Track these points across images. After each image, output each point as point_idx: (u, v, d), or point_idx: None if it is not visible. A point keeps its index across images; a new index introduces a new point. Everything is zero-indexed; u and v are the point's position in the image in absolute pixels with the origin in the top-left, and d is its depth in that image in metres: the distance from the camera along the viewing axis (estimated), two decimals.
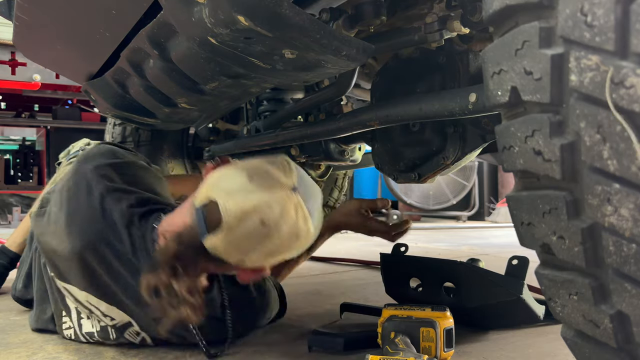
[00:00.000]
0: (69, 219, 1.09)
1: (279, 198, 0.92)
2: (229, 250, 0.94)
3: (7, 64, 4.20)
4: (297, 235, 0.94)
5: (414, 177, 1.26)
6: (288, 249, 0.96)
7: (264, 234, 0.91)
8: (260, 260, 0.97)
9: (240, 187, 0.93)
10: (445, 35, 0.95)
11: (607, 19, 0.43)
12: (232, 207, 0.90)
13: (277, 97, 1.72)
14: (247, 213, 0.91)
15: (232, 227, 0.91)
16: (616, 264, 0.46)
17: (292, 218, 0.92)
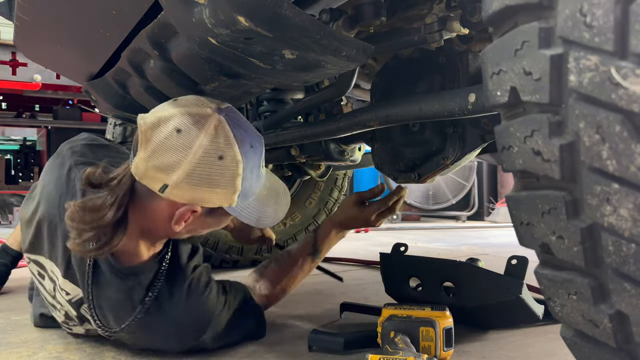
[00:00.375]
0: (41, 189, 1.17)
1: (197, 111, 0.94)
2: (150, 172, 0.92)
3: (7, 64, 4.21)
4: (221, 156, 0.92)
5: (413, 177, 1.26)
6: (219, 176, 0.93)
7: (181, 145, 0.91)
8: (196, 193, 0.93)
9: (162, 106, 0.97)
10: (445, 35, 0.95)
11: (607, 19, 0.43)
12: (148, 117, 0.95)
13: (277, 97, 1.72)
14: (160, 120, 0.93)
15: (148, 137, 0.93)
16: (615, 263, 0.46)
17: (211, 133, 0.92)
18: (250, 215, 1.02)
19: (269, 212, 1.06)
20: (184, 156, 0.91)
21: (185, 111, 0.94)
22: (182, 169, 0.91)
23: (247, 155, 0.96)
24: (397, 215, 5.77)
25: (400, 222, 5.63)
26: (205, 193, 0.94)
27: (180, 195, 0.94)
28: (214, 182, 0.93)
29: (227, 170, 0.93)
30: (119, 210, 0.97)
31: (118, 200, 0.97)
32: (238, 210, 1.00)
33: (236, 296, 1.18)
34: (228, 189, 0.95)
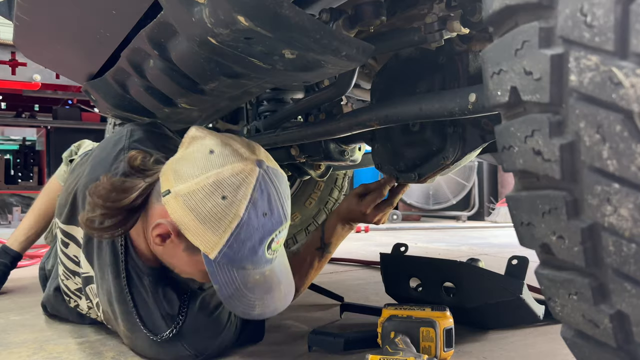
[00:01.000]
0: (91, 160, 1.19)
1: (241, 150, 0.91)
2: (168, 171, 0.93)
3: (7, 64, 4.21)
4: (225, 197, 0.87)
5: (414, 177, 1.26)
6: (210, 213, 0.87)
7: (203, 164, 0.90)
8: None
9: (218, 133, 0.96)
10: (445, 35, 0.95)
11: (607, 19, 0.43)
12: (201, 130, 0.95)
13: (277, 97, 1.72)
14: (207, 137, 0.93)
15: (188, 144, 0.94)
16: (616, 263, 0.46)
17: (235, 173, 0.88)
18: (223, 285, 0.91)
19: (247, 299, 0.92)
20: (198, 174, 0.89)
21: (233, 144, 0.92)
22: (189, 185, 0.89)
23: (252, 218, 0.88)
24: (397, 215, 5.77)
25: (401, 222, 5.63)
26: (191, 222, 0.89)
27: (173, 209, 0.91)
28: (203, 217, 0.88)
29: (221, 213, 0.87)
30: (139, 198, 0.97)
31: (143, 188, 0.98)
32: (214, 268, 0.90)
33: None
34: (212, 234, 0.88)
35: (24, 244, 1.67)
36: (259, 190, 0.89)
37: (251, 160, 0.90)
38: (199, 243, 0.90)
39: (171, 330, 1.02)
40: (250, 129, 1.73)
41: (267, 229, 0.90)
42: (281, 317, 1.42)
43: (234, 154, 0.91)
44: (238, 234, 0.88)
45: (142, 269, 1.05)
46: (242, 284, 0.91)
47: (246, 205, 0.87)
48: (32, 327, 1.33)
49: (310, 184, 2.55)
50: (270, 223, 0.90)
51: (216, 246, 0.89)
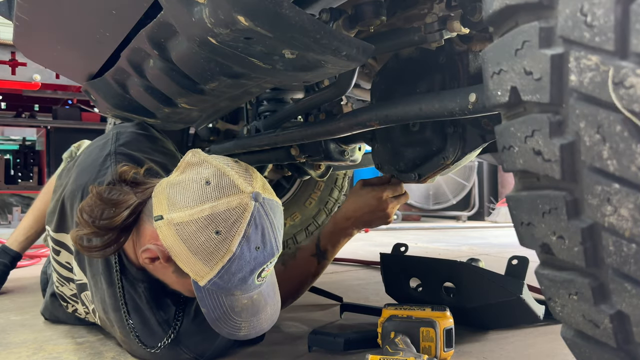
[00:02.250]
0: (77, 166, 1.17)
1: (237, 181, 0.89)
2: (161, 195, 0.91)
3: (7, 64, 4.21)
4: (218, 231, 0.86)
5: (414, 177, 1.26)
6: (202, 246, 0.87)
7: (198, 196, 0.88)
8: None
9: (218, 156, 0.94)
10: (445, 35, 0.95)
11: (607, 19, 0.43)
12: (199, 155, 0.93)
13: (277, 97, 1.72)
14: (204, 163, 0.91)
15: (184, 169, 0.92)
16: (616, 263, 0.46)
17: (229, 208, 0.87)
18: (211, 310, 0.92)
19: (234, 322, 0.94)
20: (192, 206, 0.88)
21: (230, 174, 0.90)
22: (182, 216, 0.88)
23: (244, 252, 0.88)
24: (397, 215, 5.77)
25: (401, 222, 5.63)
26: (182, 251, 0.88)
27: (165, 236, 0.90)
28: (195, 249, 0.87)
29: (214, 248, 0.87)
30: (130, 217, 0.95)
31: (134, 205, 0.95)
32: (202, 294, 0.91)
33: None
34: (203, 265, 0.88)
35: (24, 244, 1.67)
36: (254, 225, 0.88)
37: (247, 193, 0.89)
38: (189, 271, 0.90)
39: (168, 337, 1.02)
40: (250, 129, 1.73)
41: (258, 262, 0.90)
42: (281, 317, 1.42)
43: (231, 186, 0.89)
44: (229, 267, 0.88)
45: (135, 277, 1.04)
46: (229, 308, 0.92)
47: (239, 240, 0.87)
48: (32, 327, 1.33)
49: (310, 184, 2.55)
50: (262, 256, 0.90)
51: (206, 276, 0.89)
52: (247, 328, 0.95)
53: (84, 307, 1.17)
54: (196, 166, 0.93)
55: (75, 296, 1.19)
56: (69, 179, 1.17)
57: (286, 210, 2.52)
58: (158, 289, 1.05)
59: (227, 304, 0.92)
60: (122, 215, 0.94)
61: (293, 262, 1.27)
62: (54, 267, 1.22)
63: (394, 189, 1.26)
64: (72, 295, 1.20)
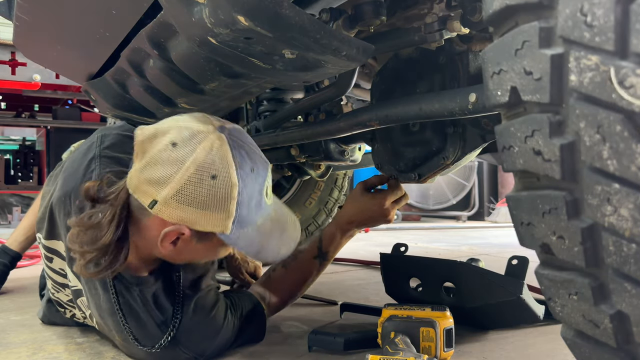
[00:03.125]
0: (62, 172, 1.16)
1: (197, 127, 0.90)
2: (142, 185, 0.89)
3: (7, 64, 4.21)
4: (215, 175, 0.87)
5: (414, 177, 1.26)
6: (210, 197, 0.87)
7: (174, 159, 0.87)
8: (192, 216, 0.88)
9: (164, 120, 0.95)
10: (445, 35, 0.95)
11: (607, 19, 0.43)
12: (147, 129, 0.92)
13: (277, 97, 1.72)
14: (158, 132, 0.90)
15: (145, 149, 0.90)
16: (616, 263, 0.46)
17: (207, 149, 0.87)
18: (249, 247, 0.95)
19: (272, 246, 0.98)
20: (176, 171, 0.87)
21: (185, 126, 0.90)
22: (173, 185, 0.87)
23: (246, 179, 0.90)
24: (397, 215, 5.77)
25: (400, 222, 5.63)
26: (195, 214, 0.88)
27: (168, 214, 0.89)
28: (204, 203, 0.87)
29: (220, 191, 0.87)
30: (119, 228, 0.93)
31: (117, 216, 0.93)
32: (234, 239, 0.92)
33: (243, 311, 1.15)
34: (220, 213, 0.89)
35: (24, 244, 1.67)
36: (237, 152, 0.90)
37: (212, 131, 0.90)
38: (211, 228, 0.90)
39: (166, 337, 1.01)
40: (250, 128, 1.73)
41: (260, 180, 0.93)
42: (281, 317, 1.42)
43: (195, 134, 0.89)
44: (242, 200, 0.90)
45: (129, 281, 1.03)
46: (260, 238, 0.95)
47: (236, 171, 0.89)
48: (32, 327, 1.33)
49: (310, 184, 2.55)
50: (260, 173, 0.93)
51: (228, 221, 0.90)
52: (285, 245, 1.01)
53: (81, 312, 1.16)
54: (152, 139, 0.91)
55: (71, 302, 1.18)
56: (56, 185, 1.16)
57: None
58: (154, 290, 1.04)
59: (257, 235, 0.95)
60: (110, 230, 0.93)
61: (294, 264, 1.27)
62: (48, 274, 1.21)
63: (394, 193, 1.27)
64: (68, 301, 1.20)
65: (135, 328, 1.02)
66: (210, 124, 0.91)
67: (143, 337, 1.02)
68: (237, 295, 1.18)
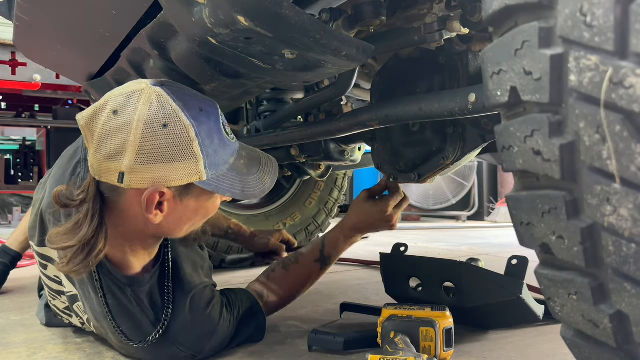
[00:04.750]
0: (50, 178, 1.15)
1: (131, 89, 0.89)
2: (103, 165, 0.88)
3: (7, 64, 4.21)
4: (165, 124, 0.86)
5: (414, 177, 1.26)
6: (171, 146, 0.86)
7: (120, 124, 0.86)
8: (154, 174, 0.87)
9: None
10: (445, 35, 0.95)
11: (607, 19, 0.43)
12: (85, 111, 0.91)
13: (277, 97, 1.72)
14: (97, 109, 0.89)
15: (91, 130, 0.89)
16: (616, 263, 0.46)
17: (148, 104, 0.86)
18: (231, 187, 0.95)
19: (253, 181, 0.98)
20: (127, 135, 0.85)
21: (120, 92, 0.90)
22: (130, 150, 0.85)
23: (198, 118, 0.89)
24: None
25: (400, 222, 5.62)
26: (164, 169, 0.87)
27: (140, 180, 0.87)
28: (168, 155, 0.86)
29: (177, 137, 0.86)
30: (94, 219, 0.92)
31: (90, 209, 0.92)
32: (214, 184, 0.92)
33: (241, 308, 1.15)
34: (188, 160, 0.88)
35: (24, 244, 1.67)
36: (179, 97, 0.89)
37: (146, 87, 0.89)
38: (187, 178, 0.89)
39: (157, 331, 1.01)
40: (250, 129, 1.73)
41: (213, 119, 0.92)
42: (281, 317, 1.42)
43: (131, 95, 0.88)
44: (203, 140, 0.89)
45: (121, 281, 1.01)
46: (239, 176, 0.96)
47: (184, 114, 0.87)
48: (32, 327, 1.33)
49: (310, 184, 2.55)
50: (210, 112, 0.92)
51: (200, 166, 0.89)
52: (267, 176, 1.02)
53: (79, 318, 1.16)
54: (93, 118, 0.90)
55: (68, 309, 1.17)
56: (44, 192, 1.16)
57: (286, 210, 2.52)
58: (147, 288, 1.03)
59: (236, 175, 0.95)
60: (86, 224, 0.91)
61: (295, 266, 1.27)
62: (44, 281, 1.21)
63: (396, 199, 1.29)
64: (65, 308, 1.19)
65: (132, 328, 1.02)
66: (142, 83, 0.90)
67: (139, 336, 1.02)
68: (234, 293, 1.18)
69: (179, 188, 0.91)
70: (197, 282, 1.09)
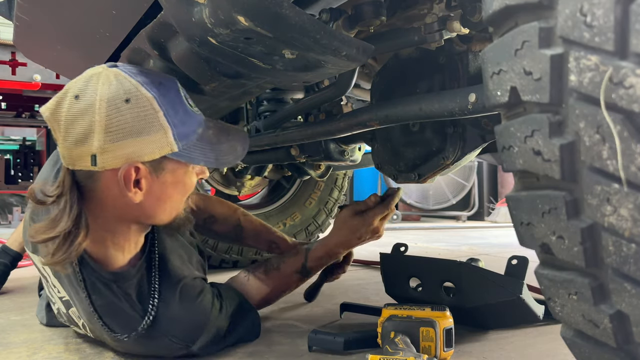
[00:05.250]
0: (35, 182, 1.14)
1: (88, 74, 0.91)
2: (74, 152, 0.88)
3: (7, 64, 4.21)
4: (128, 99, 0.87)
5: (414, 177, 1.26)
6: (137, 120, 0.87)
7: (83, 107, 0.87)
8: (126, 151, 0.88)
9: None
10: (445, 35, 0.95)
11: (607, 19, 0.43)
12: (48, 104, 0.92)
13: (277, 97, 1.72)
14: (58, 99, 0.90)
15: (57, 119, 0.90)
16: (616, 263, 0.46)
17: (108, 83, 0.88)
18: (204, 156, 0.96)
19: (225, 149, 1.00)
20: (92, 116, 0.86)
21: (78, 79, 0.92)
22: (98, 130, 0.86)
23: (159, 91, 0.90)
24: (397, 215, 5.77)
25: (400, 222, 5.63)
26: (135, 144, 0.88)
27: (113, 159, 0.88)
28: (136, 129, 0.88)
29: (142, 110, 0.88)
30: (72, 209, 0.91)
31: (68, 201, 0.92)
32: (186, 154, 0.93)
33: (232, 302, 1.15)
34: (156, 131, 0.89)
35: (24, 244, 1.67)
36: (134, 74, 0.90)
37: (103, 69, 0.91)
38: (159, 151, 0.90)
39: (145, 322, 1.00)
40: (250, 129, 1.73)
41: (173, 91, 0.94)
42: (281, 317, 1.43)
43: (89, 79, 0.90)
44: (167, 111, 0.90)
45: (105, 277, 1.01)
46: (210, 145, 0.97)
47: (144, 88, 0.89)
48: (32, 327, 1.33)
49: (310, 184, 2.55)
50: (169, 85, 0.94)
51: (169, 136, 0.91)
52: (237, 142, 1.03)
53: (75, 326, 1.15)
54: (57, 108, 0.90)
55: (67, 316, 1.16)
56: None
57: (286, 210, 2.52)
58: (134, 283, 1.02)
59: (206, 144, 0.97)
60: (65, 215, 0.91)
61: (276, 273, 1.26)
62: (45, 289, 1.21)
63: (382, 212, 1.28)
64: (64, 314, 1.18)
65: (122, 324, 1.01)
66: (99, 67, 0.92)
67: (129, 330, 1.01)
68: (222, 287, 1.18)
69: (154, 163, 0.92)
70: (186, 273, 1.09)
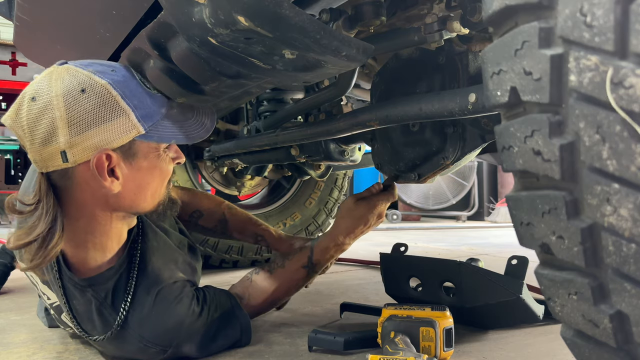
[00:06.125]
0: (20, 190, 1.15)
1: (42, 75, 0.93)
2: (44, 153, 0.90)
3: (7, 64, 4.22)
4: (83, 89, 0.89)
5: (413, 177, 1.26)
6: (97, 107, 0.89)
7: (42, 106, 0.89)
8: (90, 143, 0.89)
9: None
10: (445, 35, 0.95)
11: (607, 19, 0.43)
12: (8, 112, 0.95)
13: (277, 97, 1.72)
14: (17, 105, 0.92)
15: (20, 125, 0.91)
16: (616, 263, 0.46)
17: (60, 79, 0.90)
18: (173, 134, 0.97)
19: (192, 124, 1.00)
20: (52, 114, 0.88)
21: (31, 83, 0.93)
22: (61, 125, 0.88)
23: (112, 77, 0.91)
24: (397, 215, 5.77)
25: (400, 222, 5.63)
26: (101, 132, 0.89)
27: (82, 152, 0.89)
28: (98, 116, 0.89)
29: (99, 97, 0.89)
30: (48, 215, 0.91)
31: (44, 206, 0.92)
32: (154, 135, 0.94)
33: (218, 306, 1.13)
34: (118, 115, 0.90)
35: None
36: (85, 66, 0.92)
37: (53, 68, 0.93)
38: (126, 135, 0.92)
39: (118, 323, 1.00)
40: (250, 129, 1.73)
41: (127, 76, 0.94)
42: (281, 316, 1.43)
43: (42, 79, 0.92)
44: (125, 92, 0.91)
45: (80, 284, 1.01)
46: (176, 122, 0.98)
47: (96, 76, 0.90)
48: (32, 327, 1.33)
49: (310, 184, 2.55)
50: (121, 71, 0.95)
51: (133, 119, 0.92)
52: (205, 117, 1.03)
53: (71, 329, 1.14)
54: (17, 114, 0.92)
55: (60, 321, 1.16)
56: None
57: (286, 210, 2.52)
58: (110, 287, 1.02)
59: (173, 123, 0.97)
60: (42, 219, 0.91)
61: (281, 270, 1.25)
62: (40, 296, 1.20)
63: (387, 199, 1.28)
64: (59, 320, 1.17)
65: (99, 327, 1.01)
66: (49, 68, 0.94)
67: (104, 333, 1.01)
68: (214, 292, 1.16)
69: (124, 149, 0.93)
70: (166, 276, 1.08)
